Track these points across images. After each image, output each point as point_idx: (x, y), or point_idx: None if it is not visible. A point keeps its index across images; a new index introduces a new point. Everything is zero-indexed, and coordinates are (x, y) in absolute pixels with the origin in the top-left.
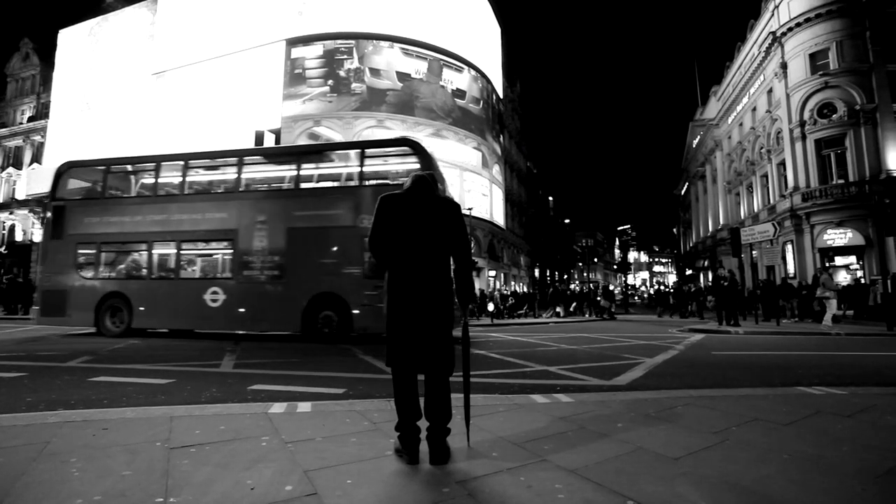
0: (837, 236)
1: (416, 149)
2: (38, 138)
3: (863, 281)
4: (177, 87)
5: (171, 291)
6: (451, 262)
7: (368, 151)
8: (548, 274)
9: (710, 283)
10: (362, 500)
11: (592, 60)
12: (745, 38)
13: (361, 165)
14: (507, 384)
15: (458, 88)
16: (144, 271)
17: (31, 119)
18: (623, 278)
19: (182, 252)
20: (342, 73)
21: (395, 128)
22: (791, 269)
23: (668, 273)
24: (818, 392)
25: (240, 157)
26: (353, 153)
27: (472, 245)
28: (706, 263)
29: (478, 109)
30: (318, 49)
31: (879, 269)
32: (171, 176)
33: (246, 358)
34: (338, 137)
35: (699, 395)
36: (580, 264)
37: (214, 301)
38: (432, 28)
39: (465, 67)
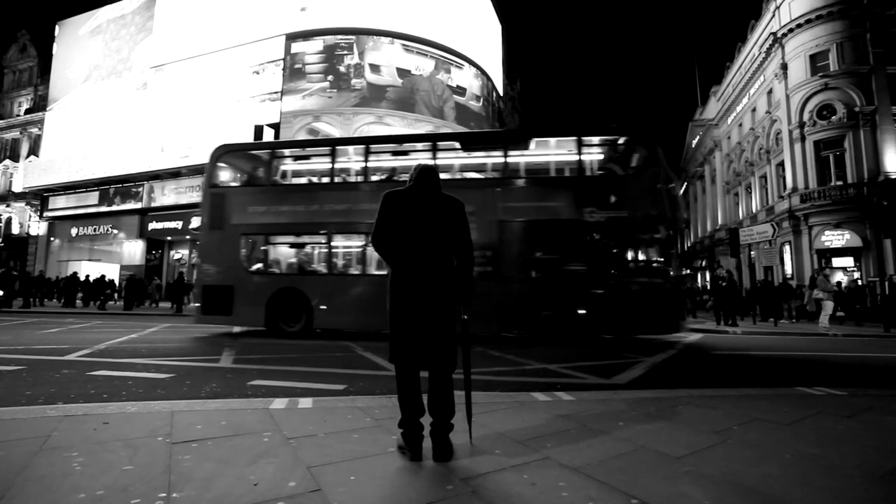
0: (835, 238)
1: (642, 139)
2: (35, 131)
3: (860, 283)
4: (176, 81)
5: (357, 288)
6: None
7: (586, 140)
8: None
9: (707, 283)
10: (366, 497)
11: (592, 58)
12: (746, 38)
13: (579, 154)
14: (507, 381)
15: (458, 85)
16: (324, 266)
17: (28, 111)
18: None
19: (370, 245)
20: (342, 69)
21: (395, 124)
22: (789, 269)
23: None
24: (818, 392)
25: (433, 142)
26: (569, 141)
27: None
28: (704, 263)
29: (478, 107)
30: (318, 44)
31: (877, 270)
32: (350, 161)
33: (245, 353)
34: (337, 133)
35: (700, 394)
36: None
37: None
38: (433, 25)
39: (466, 64)
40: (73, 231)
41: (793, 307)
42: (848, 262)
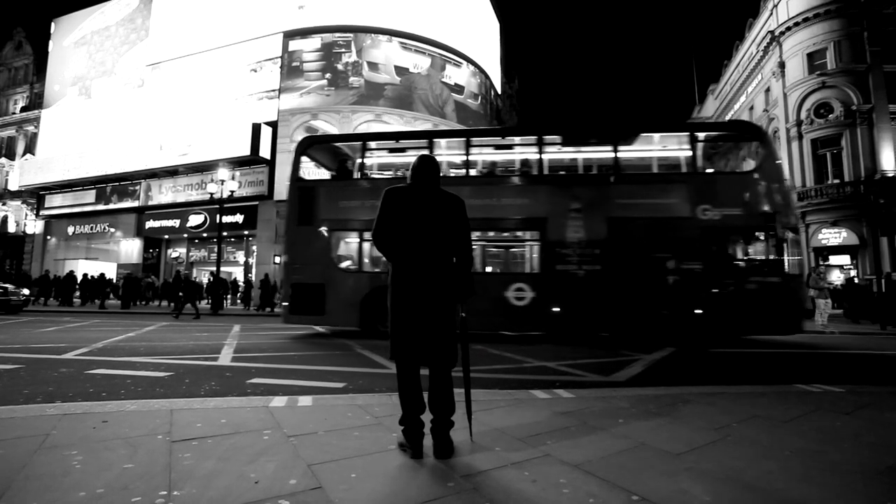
0: (832, 236)
1: (758, 135)
2: (31, 129)
3: (856, 280)
4: (173, 79)
5: None
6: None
7: (700, 135)
8: None
9: None
10: (367, 494)
11: (590, 56)
12: (744, 37)
13: (693, 150)
14: (506, 379)
15: (456, 83)
16: None
17: (23, 109)
18: None
19: (475, 242)
20: (340, 67)
21: (393, 122)
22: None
23: None
24: (816, 389)
25: (539, 136)
26: (681, 136)
27: None
28: None
29: (476, 105)
30: (315, 42)
31: (873, 268)
32: (448, 154)
33: (243, 352)
34: (335, 131)
35: (699, 391)
36: None
37: (520, 299)
38: (431, 23)
39: (464, 62)
40: (70, 230)
41: None
42: (845, 259)
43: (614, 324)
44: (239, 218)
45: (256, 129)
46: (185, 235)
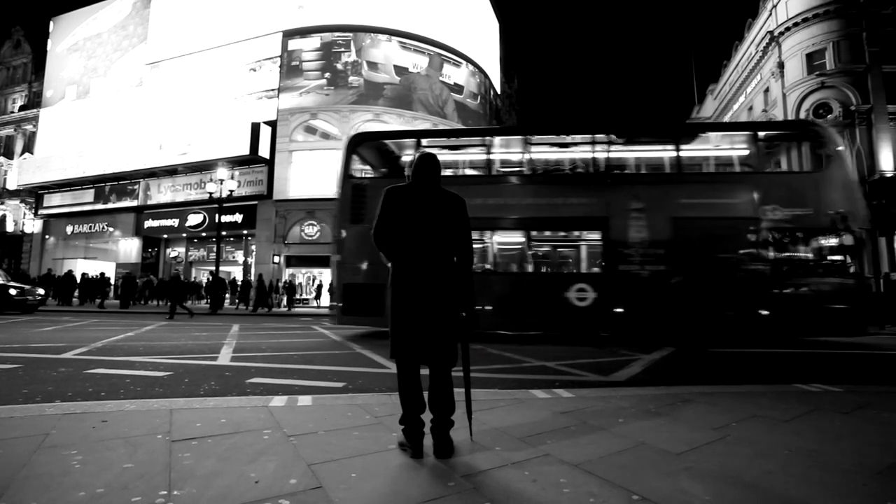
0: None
1: (826, 134)
2: (29, 128)
3: None
4: (172, 78)
5: (522, 288)
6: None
7: (765, 134)
8: None
9: None
10: (368, 494)
11: (589, 56)
12: (743, 37)
13: (757, 150)
14: (506, 379)
15: (456, 83)
16: (484, 264)
17: (22, 108)
18: None
19: (533, 242)
20: (339, 66)
21: (393, 122)
22: None
23: None
24: (815, 389)
25: (598, 134)
26: (744, 135)
27: None
28: None
29: (475, 104)
30: (315, 41)
31: (871, 268)
32: (507, 153)
33: (242, 351)
34: (335, 131)
35: (699, 391)
36: None
37: (582, 300)
38: (431, 22)
39: (464, 62)
40: (69, 229)
41: None
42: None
43: (678, 324)
44: (238, 217)
45: (255, 129)
46: (184, 235)
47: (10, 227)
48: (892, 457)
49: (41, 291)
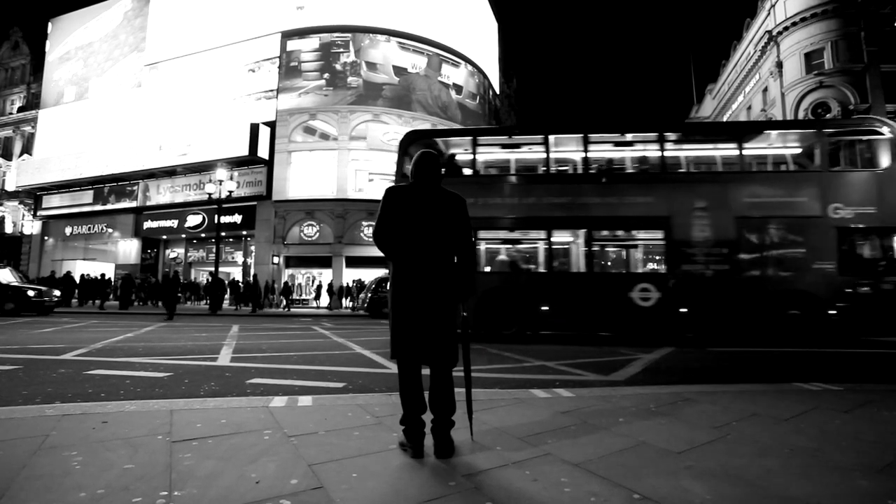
0: None
1: (893, 132)
2: (28, 129)
3: None
4: (171, 79)
5: (581, 288)
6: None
7: (830, 131)
8: None
9: None
10: (369, 494)
11: (588, 56)
12: (741, 36)
13: (822, 148)
14: (506, 379)
15: (455, 83)
16: (543, 263)
17: (21, 109)
18: None
19: (594, 242)
20: (338, 67)
21: (392, 122)
22: None
23: None
24: (815, 388)
25: (660, 132)
26: (809, 133)
27: None
28: None
29: (474, 105)
30: (314, 42)
31: None
32: (565, 152)
33: (242, 352)
34: (333, 131)
35: (699, 390)
36: None
37: (645, 300)
38: (429, 22)
39: (462, 62)
40: (68, 230)
41: None
42: None
43: (742, 323)
44: (237, 218)
45: (255, 130)
46: (184, 236)
47: (8, 229)
48: (892, 455)
49: (57, 293)
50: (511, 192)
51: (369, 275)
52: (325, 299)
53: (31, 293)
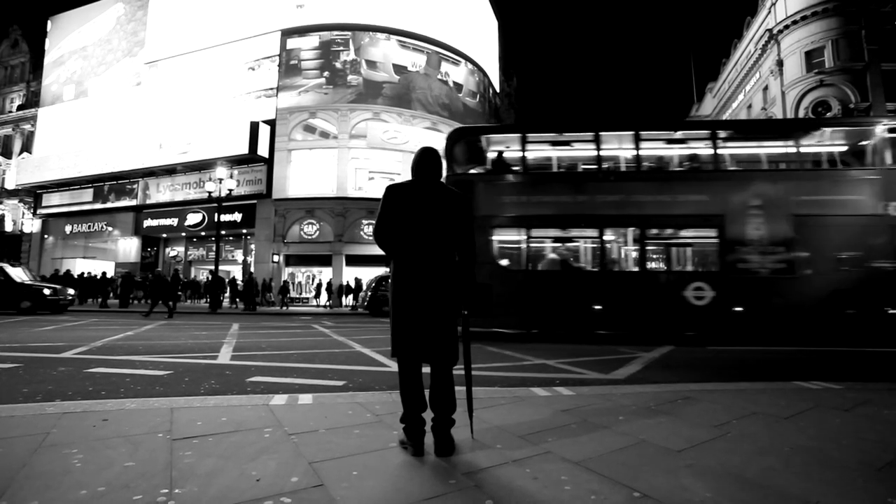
0: None
1: None
2: (27, 127)
3: None
4: (170, 77)
5: (636, 286)
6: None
7: (889, 127)
8: None
9: None
10: (369, 492)
11: (589, 55)
12: (742, 35)
13: (881, 144)
14: (506, 377)
15: (455, 82)
16: (596, 262)
17: (20, 107)
18: None
19: (647, 240)
20: (338, 65)
21: (392, 121)
22: None
23: None
24: (815, 386)
25: (713, 130)
26: (870, 129)
27: None
28: None
29: (474, 103)
30: (314, 40)
31: None
32: (618, 149)
33: (242, 350)
34: (333, 130)
35: (699, 388)
36: None
37: (699, 298)
38: (430, 21)
39: (463, 61)
40: (68, 228)
41: None
42: None
43: (797, 322)
44: (237, 216)
45: (254, 128)
46: (184, 234)
47: (8, 227)
48: (892, 454)
49: (71, 291)
50: (563, 190)
51: (369, 273)
52: (325, 298)
53: (47, 292)
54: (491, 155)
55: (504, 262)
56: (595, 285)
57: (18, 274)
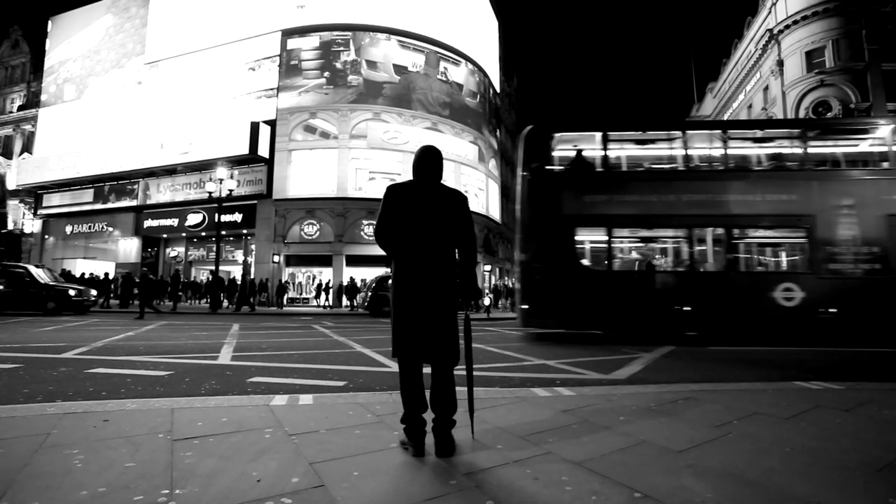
0: None
1: None
2: (28, 127)
3: None
4: (171, 77)
5: (725, 286)
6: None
7: None
8: None
9: None
10: (370, 493)
11: (590, 55)
12: (743, 35)
13: None
14: (507, 377)
15: (455, 82)
16: (683, 263)
17: (21, 108)
18: None
19: (735, 240)
20: (339, 66)
21: (392, 121)
22: None
23: None
24: (816, 387)
25: (803, 129)
26: None
27: None
28: None
29: (475, 103)
30: (314, 40)
31: None
32: (703, 148)
33: (243, 350)
34: (334, 130)
35: (699, 389)
36: None
37: (788, 300)
38: (430, 21)
39: (463, 61)
40: (68, 229)
41: None
42: None
43: (891, 323)
44: (237, 217)
45: (255, 128)
46: (184, 234)
47: (9, 227)
48: (892, 454)
49: (94, 292)
50: (648, 189)
51: (370, 273)
52: (324, 298)
53: (72, 293)
54: (570, 153)
55: (585, 262)
56: (681, 286)
57: (41, 275)
